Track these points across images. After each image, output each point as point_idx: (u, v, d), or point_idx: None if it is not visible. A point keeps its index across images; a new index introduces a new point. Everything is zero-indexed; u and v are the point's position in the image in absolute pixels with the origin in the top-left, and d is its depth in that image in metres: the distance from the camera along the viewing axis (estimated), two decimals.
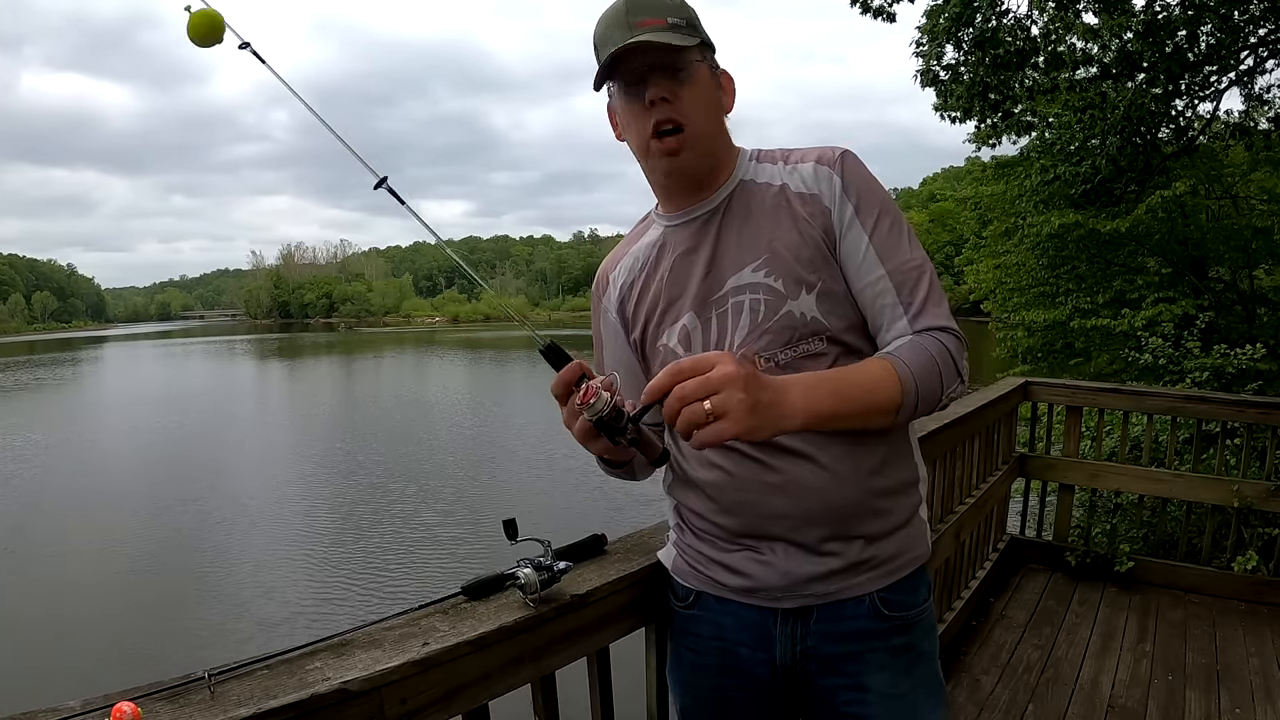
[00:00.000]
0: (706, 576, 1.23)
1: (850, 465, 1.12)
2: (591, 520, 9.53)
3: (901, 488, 1.18)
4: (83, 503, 12.17)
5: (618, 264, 1.29)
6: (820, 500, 1.12)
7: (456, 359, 40.77)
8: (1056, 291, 7.92)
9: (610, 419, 0.97)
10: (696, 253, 1.17)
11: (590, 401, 0.97)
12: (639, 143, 1.14)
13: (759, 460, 1.13)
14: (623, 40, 1.07)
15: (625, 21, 1.08)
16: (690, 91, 1.10)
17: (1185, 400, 3.77)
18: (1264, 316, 6.77)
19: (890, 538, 1.17)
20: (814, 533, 1.13)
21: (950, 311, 1.14)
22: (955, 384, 1.10)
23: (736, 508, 1.16)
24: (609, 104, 1.19)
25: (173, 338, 79.90)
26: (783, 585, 1.15)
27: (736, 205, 1.16)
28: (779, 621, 1.18)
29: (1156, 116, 6.66)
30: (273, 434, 18.54)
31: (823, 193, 1.12)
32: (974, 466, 3.22)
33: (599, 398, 0.97)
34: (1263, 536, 4.18)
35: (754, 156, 1.20)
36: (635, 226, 1.32)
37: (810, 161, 1.14)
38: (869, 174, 1.14)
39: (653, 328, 1.22)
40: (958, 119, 7.38)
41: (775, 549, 1.15)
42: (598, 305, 1.33)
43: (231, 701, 0.89)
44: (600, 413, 0.96)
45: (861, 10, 7.10)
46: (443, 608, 1.17)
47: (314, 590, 8.30)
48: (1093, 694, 2.77)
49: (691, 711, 1.31)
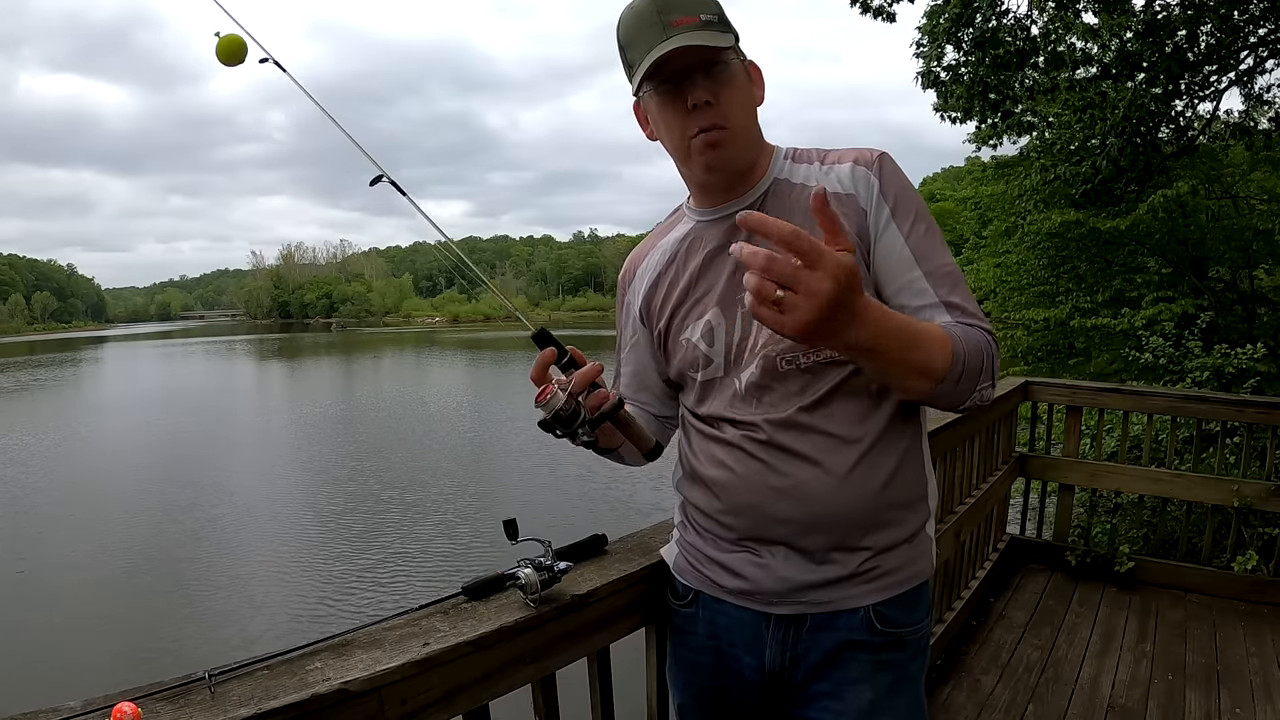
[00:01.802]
0: (705, 576, 1.23)
1: (860, 474, 1.10)
2: (592, 520, 9.53)
3: (911, 501, 1.16)
4: (83, 503, 12.16)
5: (645, 257, 1.29)
6: (825, 508, 1.10)
7: (456, 359, 40.77)
8: (1056, 291, 7.92)
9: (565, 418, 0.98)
10: (725, 250, 1.15)
11: (545, 400, 0.98)
12: (677, 144, 1.12)
13: (765, 462, 1.12)
14: (658, 40, 1.04)
15: (658, 20, 1.05)
16: (729, 91, 1.08)
17: (1185, 400, 3.77)
18: (1264, 316, 6.76)
19: (893, 551, 1.14)
20: (816, 540, 1.12)
21: None
22: (989, 383, 1.07)
23: (740, 508, 1.15)
24: (637, 103, 1.16)
25: (173, 338, 79.89)
26: (779, 591, 1.14)
27: (770, 204, 1.14)
28: (772, 627, 1.17)
29: (1156, 116, 6.66)
30: (272, 434, 18.53)
31: (859, 194, 1.10)
32: (974, 466, 3.22)
33: (554, 397, 0.99)
34: (1263, 536, 4.19)
35: (788, 155, 1.18)
36: (666, 219, 1.31)
37: (848, 163, 1.13)
38: (905, 178, 1.13)
39: (678, 321, 1.22)
40: (958, 119, 7.40)
41: (775, 553, 1.14)
42: (622, 297, 1.33)
43: (232, 702, 0.89)
44: (553, 410, 0.98)
45: (861, 10, 7.12)
46: (443, 608, 1.17)
47: (314, 590, 8.30)
48: (1093, 694, 2.77)
49: (688, 709, 1.31)
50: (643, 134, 1.18)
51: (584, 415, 1.01)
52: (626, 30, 1.09)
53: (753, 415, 1.13)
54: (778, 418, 1.11)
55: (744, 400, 1.14)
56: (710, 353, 1.17)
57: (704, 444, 1.21)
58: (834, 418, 1.10)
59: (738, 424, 1.15)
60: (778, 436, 1.11)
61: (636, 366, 1.32)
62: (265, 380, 34.38)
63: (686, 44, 1.03)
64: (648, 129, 1.17)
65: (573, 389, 1.02)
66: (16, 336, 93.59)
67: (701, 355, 1.18)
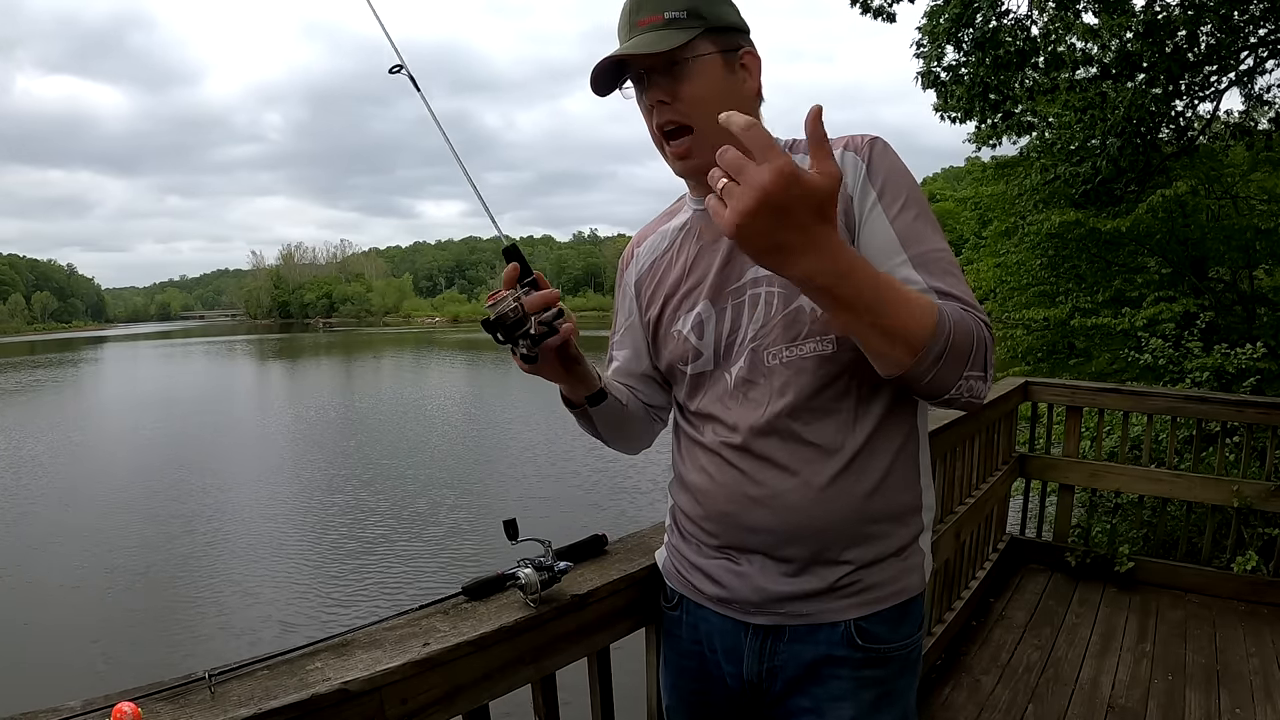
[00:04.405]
0: (687, 581, 1.22)
1: (841, 486, 1.07)
2: (592, 521, 9.53)
3: (899, 514, 1.11)
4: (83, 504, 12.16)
5: (645, 240, 1.29)
6: (803, 519, 1.07)
7: (456, 359, 40.74)
8: (1056, 291, 7.92)
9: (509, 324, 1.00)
10: (718, 242, 1.15)
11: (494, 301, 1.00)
12: (656, 142, 1.13)
13: (742, 471, 1.10)
14: (625, 41, 1.06)
15: (629, 21, 1.07)
16: (692, 88, 1.06)
17: (1185, 400, 3.77)
18: (1264, 316, 6.76)
19: (877, 566, 1.10)
20: (793, 551, 1.09)
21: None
22: (979, 373, 0.96)
23: (718, 515, 1.14)
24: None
25: (173, 338, 79.84)
26: (755, 601, 1.13)
27: None
28: (750, 636, 1.15)
29: (1156, 116, 6.66)
30: (272, 434, 18.52)
31: (846, 180, 1.05)
32: (974, 466, 3.22)
33: (503, 301, 1.00)
34: (1263, 536, 4.19)
35: (787, 146, 1.14)
36: (670, 205, 1.31)
37: (838, 149, 1.08)
38: (898, 161, 1.08)
39: (669, 312, 1.21)
40: (958, 119, 7.40)
41: (753, 561, 1.12)
42: (621, 276, 1.33)
43: (232, 702, 0.89)
44: (500, 313, 1.00)
45: (862, 10, 7.11)
46: (443, 608, 1.17)
47: (314, 591, 8.29)
48: (1093, 694, 2.77)
49: (674, 711, 1.31)
50: (641, 131, 1.19)
51: (530, 328, 1.01)
52: (617, 29, 1.11)
53: (738, 415, 1.11)
54: (758, 423, 1.09)
55: (733, 396, 1.13)
56: (700, 345, 1.16)
57: (690, 448, 1.20)
58: (816, 424, 1.07)
59: (720, 428, 1.14)
60: (756, 444, 1.09)
61: (631, 350, 1.31)
62: (265, 380, 34.36)
63: (631, 52, 1.05)
64: None
65: (525, 302, 1.01)
66: (17, 336, 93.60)
67: (691, 348, 1.17)
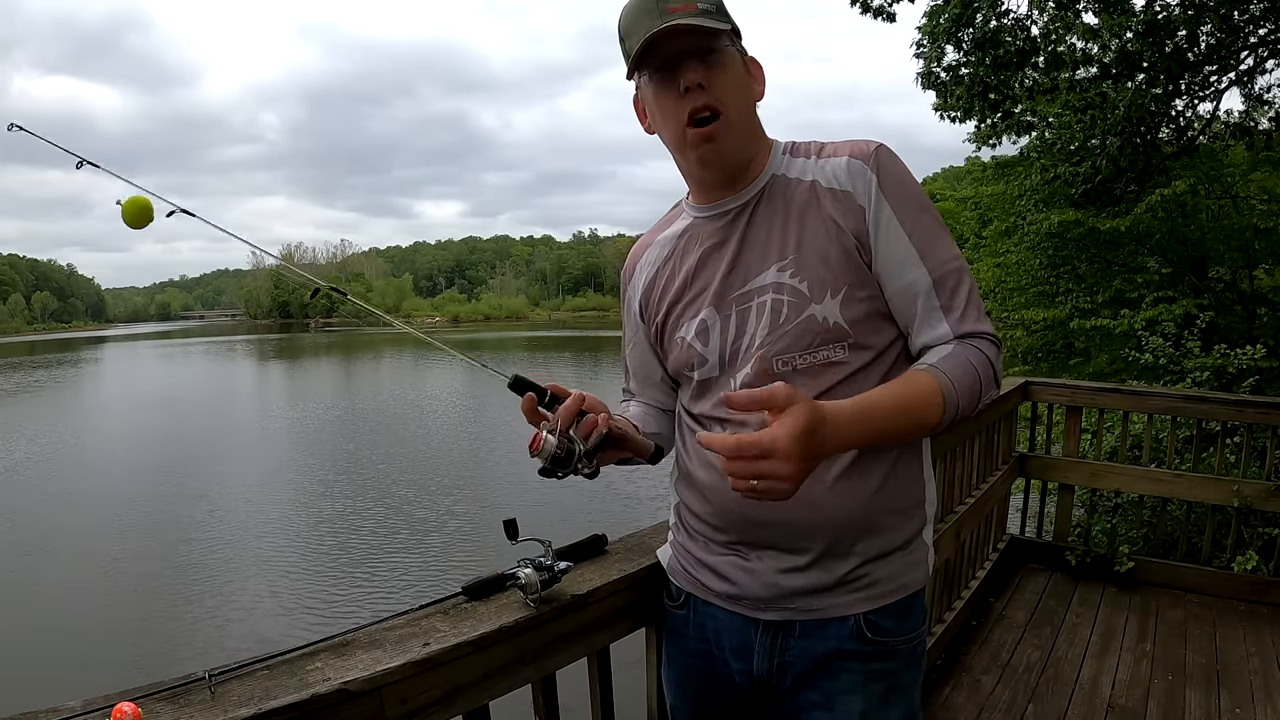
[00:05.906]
0: (694, 579, 1.22)
1: (850, 480, 1.08)
2: (592, 520, 9.53)
3: (905, 508, 1.14)
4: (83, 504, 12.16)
5: (644, 252, 1.28)
6: (813, 514, 1.08)
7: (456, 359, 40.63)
8: (1056, 291, 7.91)
9: (561, 459, 1.01)
10: (723, 247, 1.15)
11: (537, 449, 1.01)
12: (673, 133, 1.11)
13: None
14: (654, 27, 1.04)
15: (655, 8, 1.05)
16: (724, 77, 1.07)
17: (1185, 400, 3.76)
18: (1264, 316, 6.76)
19: (885, 559, 1.12)
20: (804, 546, 1.10)
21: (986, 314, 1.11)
22: (991, 391, 1.08)
23: (728, 512, 1.14)
24: (636, 95, 1.16)
25: (173, 338, 79.84)
26: (765, 597, 1.13)
27: (767, 201, 1.13)
28: (760, 632, 1.15)
29: (1156, 116, 6.67)
30: (272, 434, 18.52)
31: (856, 190, 1.08)
32: (974, 466, 3.22)
33: (545, 443, 1.01)
34: (1263, 536, 4.19)
35: (787, 150, 1.16)
36: (667, 212, 1.30)
37: (843, 156, 1.10)
38: (905, 170, 1.10)
39: (673, 319, 1.20)
40: (958, 119, 7.40)
41: (763, 557, 1.13)
42: (623, 293, 1.32)
43: (232, 702, 0.89)
44: (548, 456, 1.00)
45: (862, 10, 7.13)
46: (443, 608, 1.17)
47: (314, 591, 8.30)
48: (1093, 694, 2.77)
49: (679, 711, 1.30)
50: (639, 131, 1.18)
51: (579, 450, 1.02)
52: (626, 19, 1.09)
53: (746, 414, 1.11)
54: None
55: None
56: (705, 352, 1.16)
57: (696, 445, 1.20)
58: None
59: (728, 425, 1.14)
60: None
61: (641, 362, 1.32)
62: (265, 381, 34.35)
63: (679, 24, 1.03)
64: (646, 122, 1.16)
65: (560, 426, 1.02)
66: (17, 336, 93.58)
67: (697, 355, 1.17)
